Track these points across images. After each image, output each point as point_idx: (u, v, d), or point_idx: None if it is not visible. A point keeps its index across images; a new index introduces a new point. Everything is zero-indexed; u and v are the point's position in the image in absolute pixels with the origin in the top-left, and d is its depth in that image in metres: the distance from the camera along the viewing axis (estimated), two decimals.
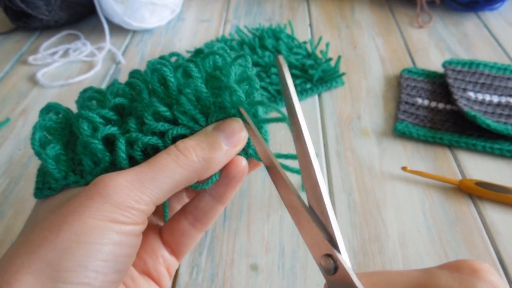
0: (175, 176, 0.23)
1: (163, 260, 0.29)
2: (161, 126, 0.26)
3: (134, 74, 0.31)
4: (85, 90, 0.32)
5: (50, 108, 0.29)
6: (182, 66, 0.27)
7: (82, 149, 0.26)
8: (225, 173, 0.27)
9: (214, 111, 0.27)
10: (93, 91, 0.30)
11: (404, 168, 0.46)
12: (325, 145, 0.52)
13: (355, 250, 0.40)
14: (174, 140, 0.26)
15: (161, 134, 0.26)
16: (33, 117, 0.58)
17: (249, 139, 0.27)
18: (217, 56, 0.28)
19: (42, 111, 0.29)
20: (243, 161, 0.27)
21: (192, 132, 0.27)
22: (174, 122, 0.27)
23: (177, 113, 0.26)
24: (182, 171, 0.24)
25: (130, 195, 0.22)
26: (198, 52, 0.30)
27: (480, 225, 0.42)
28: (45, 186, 0.26)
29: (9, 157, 0.51)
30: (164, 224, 0.30)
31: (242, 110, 0.27)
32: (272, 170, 0.25)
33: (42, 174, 0.27)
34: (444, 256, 0.39)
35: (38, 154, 0.26)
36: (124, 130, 0.27)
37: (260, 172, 0.48)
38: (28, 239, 0.21)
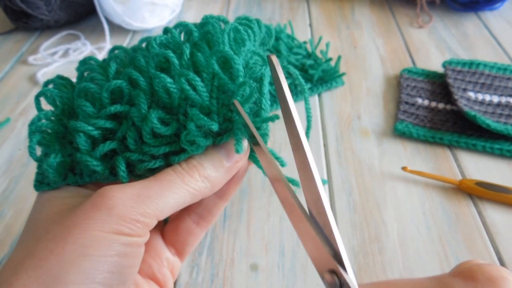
0: (181, 192, 0.24)
1: (167, 262, 0.29)
2: (163, 150, 0.25)
3: (136, 58, 0.28)
4: (84, 62, 0.30)
5: (48, 83, 0.30)
6: (183, 76, 0.25)
7: (82, 161, 0.25)
8: None
9: (219, 130, 0.25)
10: (95, 69, 0.28)
11: (404, 168, 0.46)
12: (325, 145, 0.52)
13: (355, 250, 0.40)
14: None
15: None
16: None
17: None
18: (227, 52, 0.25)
19: (45, 84, 0.30)
20: (242, 159, 0.27)
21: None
22: (176, 134, 0.25)
23: (184, 143, 0.25)
24: (187, 189, 0.24)
25: (136, 207, 0.22)
26: (205, 33, 0.27)
27: (480, 225, 0.42)
28: (45, 182, 0.26)
29: (9, 157, 0.51)
30: (167, 225, 0.30)
31: (237, 103, 0.24)
32: (275, 182, 0.24)
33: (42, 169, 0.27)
34: (444, 256, 0.39)
35: (38, 161, 0.26)
36: (123, 144, 0.26)
37: (260, 173, 0.48)
38: (33, 252, 0.21)
